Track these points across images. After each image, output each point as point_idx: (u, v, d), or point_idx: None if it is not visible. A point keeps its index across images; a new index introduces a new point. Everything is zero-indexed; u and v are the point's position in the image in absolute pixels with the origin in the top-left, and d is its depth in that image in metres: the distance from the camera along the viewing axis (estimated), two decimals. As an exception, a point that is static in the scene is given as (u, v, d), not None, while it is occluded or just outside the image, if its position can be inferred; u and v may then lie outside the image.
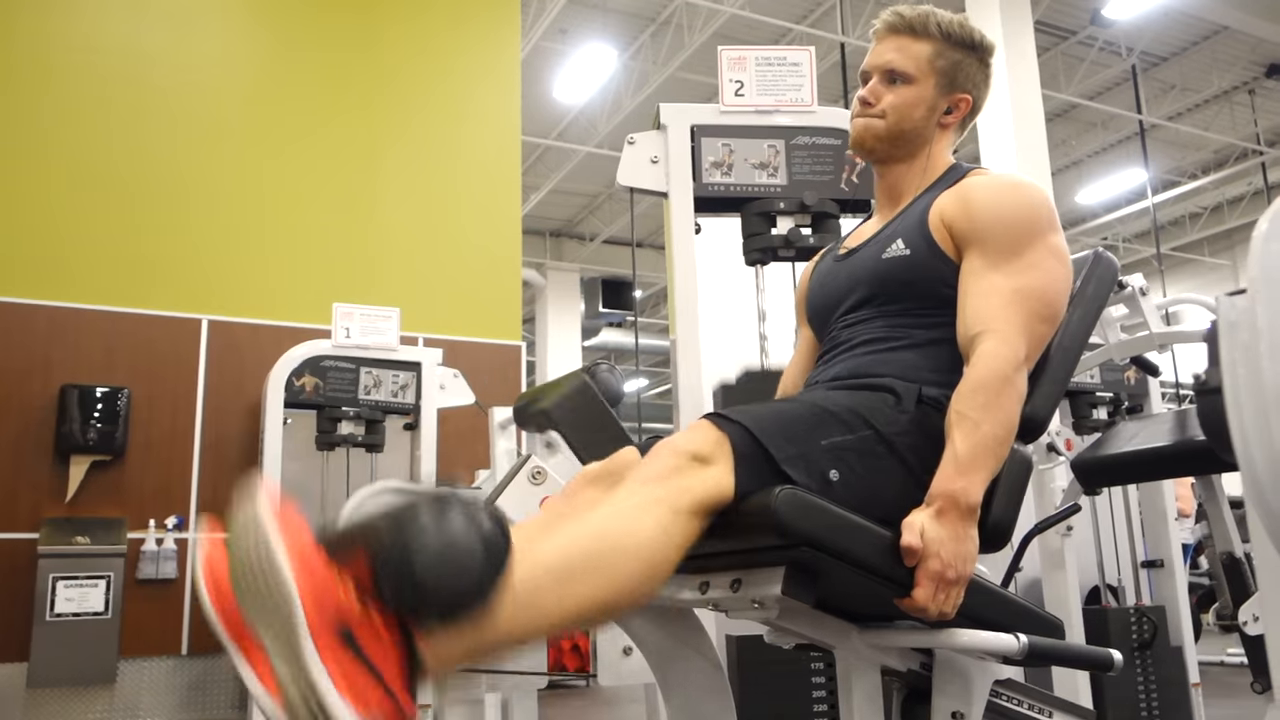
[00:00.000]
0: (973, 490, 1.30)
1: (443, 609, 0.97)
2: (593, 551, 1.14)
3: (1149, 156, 11.74)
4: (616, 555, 1.15)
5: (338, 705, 0.91)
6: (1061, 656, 1.45)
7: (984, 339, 1.39)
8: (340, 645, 0.94)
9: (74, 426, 4.52)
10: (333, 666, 0.92)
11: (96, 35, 5.12)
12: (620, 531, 1.16)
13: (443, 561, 0.97)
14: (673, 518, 1.19)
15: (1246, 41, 10.54)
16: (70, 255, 4.80)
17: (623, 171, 2.31)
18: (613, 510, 1.19)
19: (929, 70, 1.61)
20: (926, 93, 1.61)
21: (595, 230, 14.54)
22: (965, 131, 1.71)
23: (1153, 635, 3.28)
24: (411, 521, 0.98)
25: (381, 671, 0.95)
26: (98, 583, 4.38)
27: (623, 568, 1.15)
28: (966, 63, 1.63)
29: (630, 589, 1.16)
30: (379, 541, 0.97)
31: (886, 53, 1.63)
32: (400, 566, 0.95)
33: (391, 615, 0.97)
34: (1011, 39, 8.09)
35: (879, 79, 1.63)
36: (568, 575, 1.11)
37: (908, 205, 1.62)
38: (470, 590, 0.99)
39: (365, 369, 4.07)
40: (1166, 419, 2.76)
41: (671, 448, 1.25)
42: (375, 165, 5.62)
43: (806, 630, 1.39)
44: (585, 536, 1.15)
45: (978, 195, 1.51)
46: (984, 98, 1.69)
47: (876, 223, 1.69)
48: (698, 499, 1.21)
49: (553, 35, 9.76)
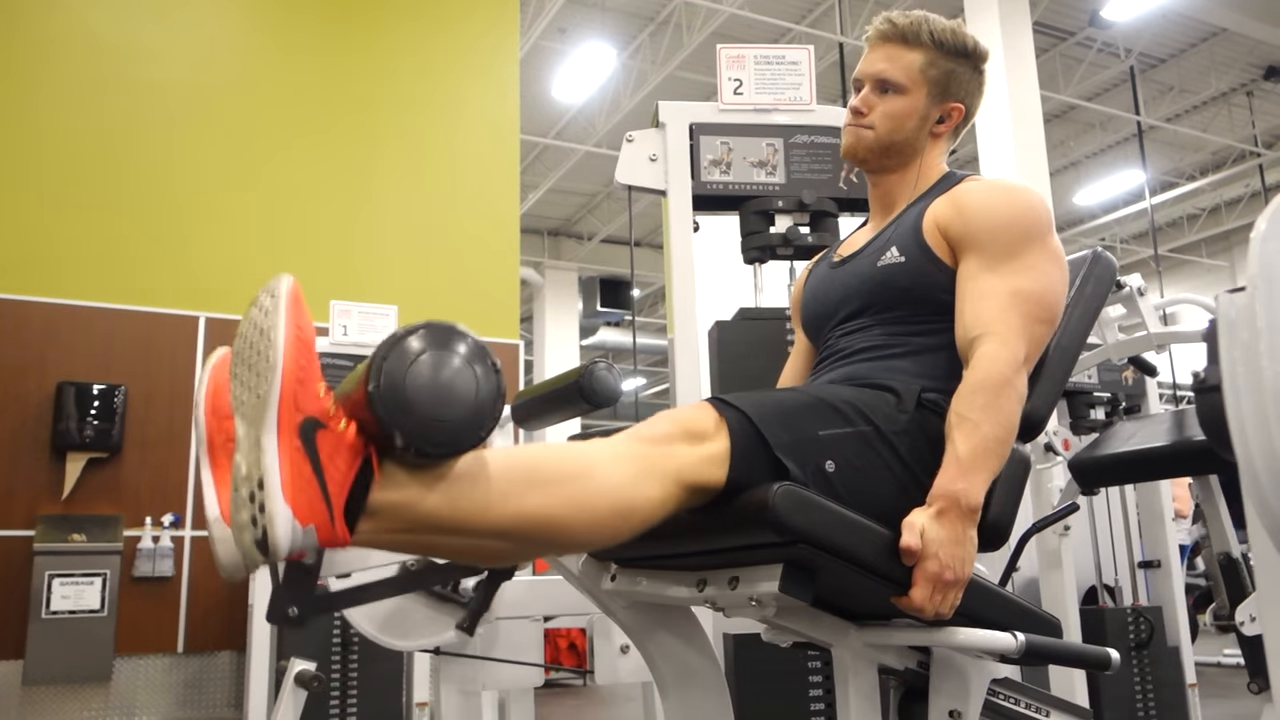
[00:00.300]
0: (974, 492, 1.30)
1: (417, 438, 0.98)
2: (564, 473, 1.14)
3: (1147, 158, 11.75)
4: (585, 483, 1.14)
5: (276, 493, 0.92)
6: (1059, 655, 1.45)
7: (983, 342, 1.39)
8: (301, 443, 0.95)
9: (70, 424, 4.51)
10: (285, 457, 0.94)
11: (93, 33, 5.11)
12: (596, 469, 1.15)
13: (436, 389, 0.98)
14: (651, 477, 1.18)
15: (1245, 43, 10.55)
16: (67, 252, 4.79)
17: (621, 169, 2.30)
18: (596, 449, 1.18)
19: (921, 80, 1.61)
20: (918, 103, 1.61)
21: (593, 229, 14.53)
22: (958, 139, 1.71)
23: (1149, 635, 3.28)
24: (419, 346, 0.99)
25: (328, 482, 0.96)
26: (94, 580, 4.38)
27: (588, 499, 1.14)
28: (959, 71, 1.63)
29: (587, 522, 1.15)
30: (380, 353, 0.98)
31: (878, 61, 1.62)
32: (393, 378, 0.97)
33: (360, 435, 0.99)
34: (1010, 40, 8.09)
35: (871, 88, 1.63)
36: (532, 478, 1.11)
37: (901, 212, 1.61)
38: (451, 429, 0.99)
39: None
40: (1164, 419, 2.76)
41: (670, 417, 1.25)
42: (373, 163, 5.61)
43: (804, 628, 1.39)
44: (563, 458, 1.16)
45: (972, 199, 1.51)
46: (977, 105, 1.69)
47: (870, 230, 1.68)
48: (682, 469, 1.20)
49: (551, 34, 9.76)
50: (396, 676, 3.76)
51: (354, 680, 3.60)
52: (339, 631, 3.62)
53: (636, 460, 1.18)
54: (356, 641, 3.62)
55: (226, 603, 4.69)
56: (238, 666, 4.67)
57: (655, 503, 1.18)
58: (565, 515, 1.12)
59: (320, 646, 3.57)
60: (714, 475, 1.23)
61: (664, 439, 1.21)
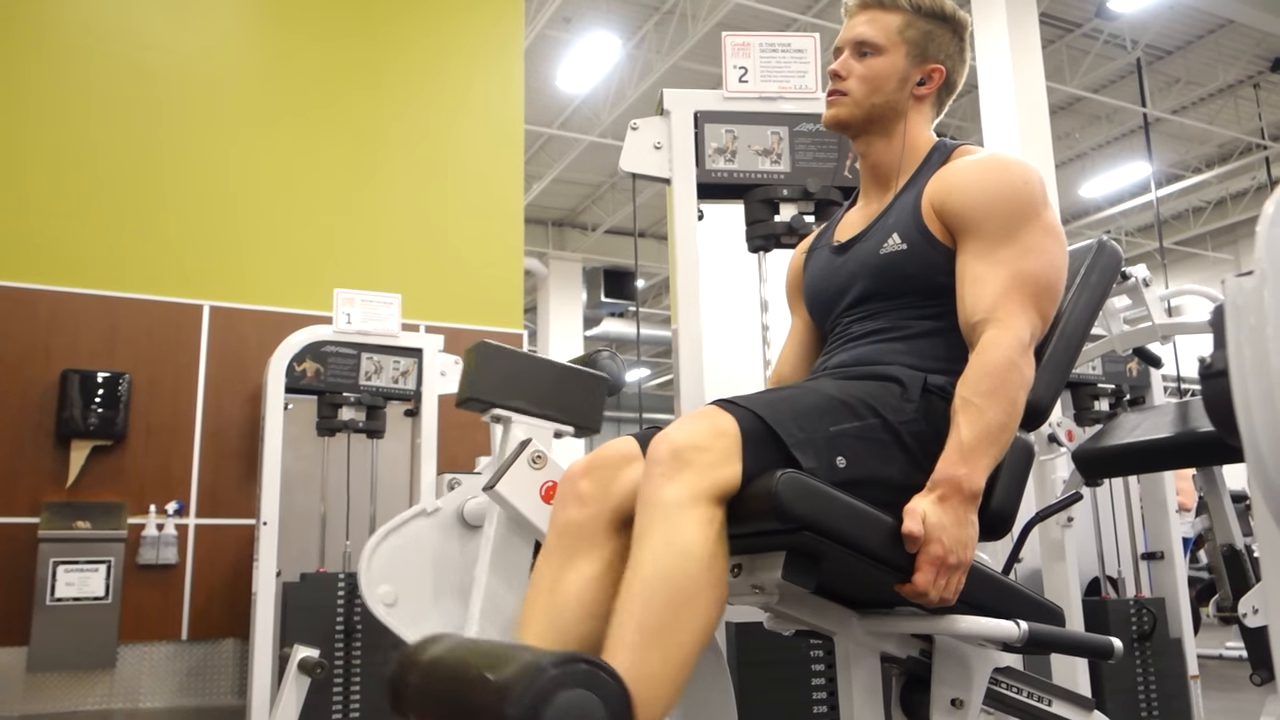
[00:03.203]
0: (975, 476, 1.30)
1: None
2: (666, 602, 1.16)
3: (1153, 150, 11.71)
4: (687, 583, 1.18)
5: None
6: (1061, 644, 1.45)
7: (986, 326, 1.39)
8: None
9: (75, 411, 4.52)
10: None
11: (96, 20, 5.10)
12: (676, 560, 1.18)
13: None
14: (708, 511, 1.21)
15: (1252, 36, 10.50)
16: (72, 240, 4.79)
17: (625, 157, 2.29)
18: (655, 538, 1.20)
19: (899, 40, 1.61)
20: (898, 63, 1.60)
21: (598, 220, 14.52)
22: (944, 108, 1.69)
23: (1152, 627, 3.28)
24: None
25: None
26: (98, 567, 4.38)
27: (698, 592, 1.18)
28: (938, 33, 1.62)
29: (715, 600, 1.20)
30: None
31: (857, 26, 1.63)
32: None
33: None
34: (1016, 31, 8.06)
35: (850, 52, 1.63)
36: (660, 636, 1.15)
37: (898, 194, 1.60)
38: None
39: (366, 355, 4.06)
40: (1168, 410, 2.76)
41: (675, 445, 1.24)
42: (378, 152, 5.60)
43: (806, 616, 1.39)
44: (651, 588, 1.17)
45: (967, 180, 1.50)
46: (959, 72, 1.67)
47: (866, 209, 1.67)
48: (718, 486, 1.23)
49: (556, 24, 9.73)
50: (399, 664, 3.76)
51: (357, 667, 3.61)
52: (342, 618, 3.63)
53: (686, 512, 1.20)
54: (360, 628, 3.63)
55: (230, 590, 4.70)
56: (241, 654, 4.68)
57: (722, 526, 1.23)
58: (704, 621, 1.19)
59: (323, 633, 3.58)
60: (735, 475, 1.25)
61: (685, 468, 1.22)
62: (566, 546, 1.36)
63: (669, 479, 1.21)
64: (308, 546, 4.11)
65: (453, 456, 4.58)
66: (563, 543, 1.36)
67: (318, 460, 4.20)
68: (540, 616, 1.31)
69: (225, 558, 4.73)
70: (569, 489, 1.40)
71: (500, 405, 1.95)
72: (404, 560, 2.42)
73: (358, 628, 3.62)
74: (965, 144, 1.63)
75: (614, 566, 1.32)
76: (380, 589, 2.38)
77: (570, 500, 1.38)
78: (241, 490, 4.76)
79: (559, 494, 1.42)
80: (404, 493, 4.41)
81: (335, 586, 3.67)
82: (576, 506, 1.37)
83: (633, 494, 1.35)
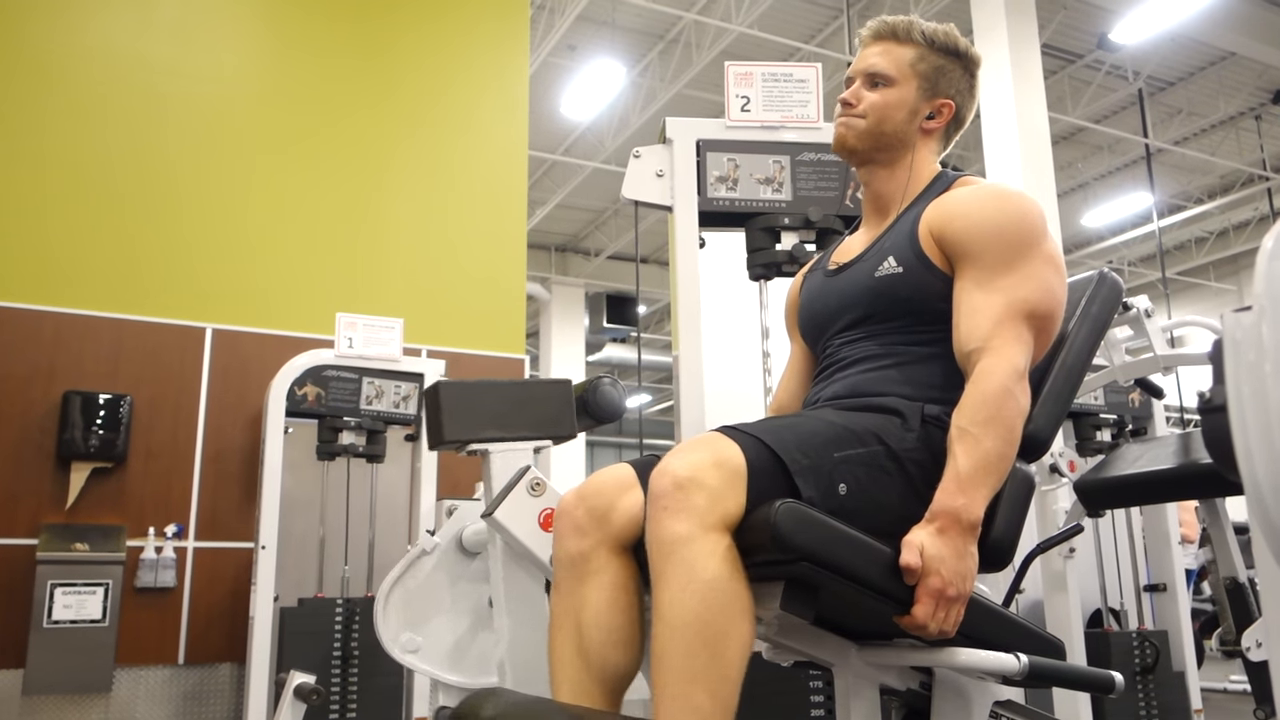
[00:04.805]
0: (974, 507, 1.29)
1: None
2: (701, 644, 1.18)
3: (1155, 180, 11.75)
4: (714, 618, 1.18)
5: None
6: (1063, 677, 1.44)
7: (982, 355, 1.39)
8: None
9: (76, 433, 4.51)
10: None
11: (102, 43, 5.14)
12: (698, 600, 1.18)
13: None
14: (717, 541, 1.21)
15: (1253, 68, 10.56)
16: (75, 262, 4.81)
17: (628, 185, 2.30)
18: (673, 581, 1.20)
19: (910, 73, 1.62)
20: (908, 95, 1.62)
21: (600, 245, 14.56)
22: (951, 143, 1.70)
23: (1155, 660, 3.26)
24: None
25: None
26: (96, 590, 4.37)
27: (728, 625, 1.19)
28: (949, 68, 1.64)
29: (746, 627, 1.21)
30: None
31: (870, 57, 1.64)
32: None
33: None
34: (1018, 61, 8.11)
35: (862, 82, 1.64)
36: (704, 677, 1.17)
37: (897, 218, 1.61)
38: None
39: (367, 379, 4.06)
40: (1170, 442, 2.75)
41: (677, 477, 1.24)
42: (381, 176, 5.63)
43: (805, 647, 1.38)
44: (680, 634, 1.18)
45: (967, 209, 1.51)
46: (968, 107, 1.68)
47: (865, 235, 1.68)
48: (723, 515, 1.23)
49: (561, 51, 9.81)
50: (396, 690, 3.74)
51: (354, 693, 3.59)
52: (339, 644, 3.61)
53: (699, 544, 1.21)
54: (357, 655, 3.61)
55: (228, 614, 4.68)
56: (238, 679, 4.65)
57: (736, 553, 1.23)
58: (737, 654, 1.20)
59: (320, 659, 3.56)
60: (740, 504, 1.25)
61: (691, 500, 1.22)
62: (575, 577, 1.37)
63: (672, 513, 1.21)
64: (306, 571, 4.10)
65: (454, 481, 4.58)
66: (571, 574, 1.38)
67: (317, 484, 4.19)
68: (569, 658, 1.34)
69: (224, 581, 4.71)
70: (566, 522, 1.40)
71: (473, 440, 1.95)
72: (416, 605, 2.43)
73: (355, 654, 3.60)
74: (967, 174, 1.64)
75: (625, 588, 1.35)
76: (402, 638, 2.38)
77: (569, 533, 1.39)
78: (241, 514, 4.75)
79: (556, 528, 1.42)
80: (403, 518, 4.40)
81: (333, 612, 3.65)
82: (576, 538, 1.37)
83: (633, 521, 1.35)
